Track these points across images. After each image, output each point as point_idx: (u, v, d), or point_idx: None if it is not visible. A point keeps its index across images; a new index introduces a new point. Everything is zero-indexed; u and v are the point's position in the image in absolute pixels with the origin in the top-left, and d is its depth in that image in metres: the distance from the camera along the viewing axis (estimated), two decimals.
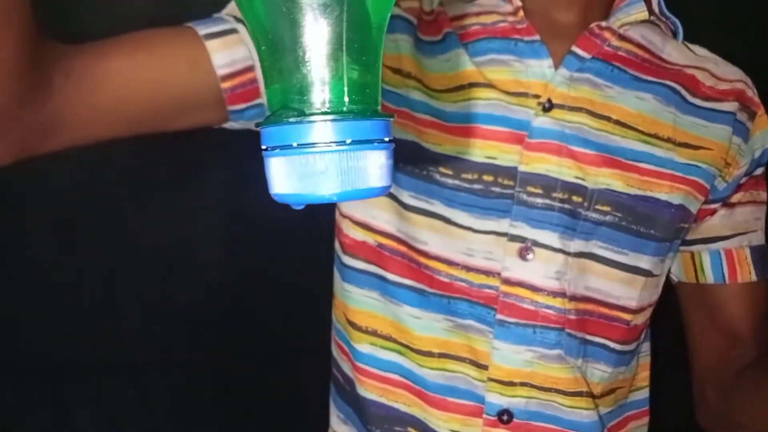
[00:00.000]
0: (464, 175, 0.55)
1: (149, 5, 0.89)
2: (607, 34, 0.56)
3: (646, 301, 0.59)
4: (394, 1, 0.23)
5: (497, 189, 0.55)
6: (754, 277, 0.62)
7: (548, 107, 0.55)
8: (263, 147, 0.21)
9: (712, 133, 0.59)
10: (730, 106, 0.60)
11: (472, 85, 0.56)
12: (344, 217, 0.62)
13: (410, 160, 0.57)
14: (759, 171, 0.62)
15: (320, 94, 0.20)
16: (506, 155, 0.55)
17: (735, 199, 0.61)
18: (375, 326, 0.60)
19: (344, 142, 0.19)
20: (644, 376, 0.65)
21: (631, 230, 0.56)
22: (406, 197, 0.57)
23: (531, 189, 0.54)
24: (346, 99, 0.20)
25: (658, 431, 0.67)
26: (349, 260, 0.62)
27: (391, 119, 0.22)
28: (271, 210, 0.40)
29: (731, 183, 0.60)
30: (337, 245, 0.64)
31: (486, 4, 0.58)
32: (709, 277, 0.63)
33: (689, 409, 0.66)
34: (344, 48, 0.20)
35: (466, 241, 0.56)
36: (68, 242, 1.03)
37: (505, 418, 0.56)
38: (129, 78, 0.47)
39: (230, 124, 0.56)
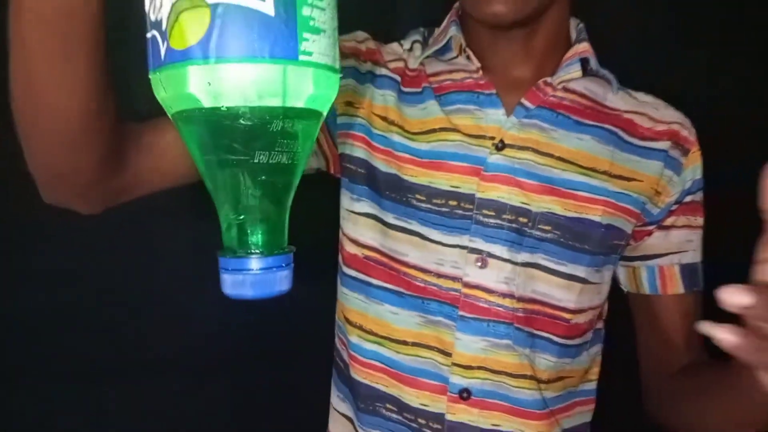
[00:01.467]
0: (434, 201, 0.68)
1: None
2: (549, 89, 0.69)
3: (586, 304, 0.70)
4: (300, 177, 0.38)
5: (460, 211, 0.68)
6: (681, 290, 0.73)
7: (501, 147, 0.68)
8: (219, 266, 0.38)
9: (644, 167, 0.70)
10: (663, 144, 0.71)
11: (442, 129, 0.70)
12: (344, 235, 0.77)
13: (393, 189, 0.70)
14: (690, 198, 0.72)
15: (244, 242, 0.37)
16: (467, 185, 0.68)
17: (669, 222, 0.72)
18: (361, 322, 0.73)
19: (257, 269, 0.37)
20: (595, 371, 0.76)
21: (568, 245, 0.68)
22: (390, 218, 0.70)
23: (486, 212, 0.67)
24: (260, 244, 0.37)
25: (602, 416, 0.78)
26: (346, 269, 0.76)
27: (291, 252, 0.38)
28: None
29: (663, 209, 0.72)
30: (340, 258, 0.79)
31: (457, 63, 0.72)
32: (646, 288, 0.74)
33: (632, 398, 0.77)
34: (258, 219, 0.37)
35: (437, 253, 0.68)
36: (92, 251, 1.12)
37: (465, 395, 0.68)
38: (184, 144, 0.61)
39: None
